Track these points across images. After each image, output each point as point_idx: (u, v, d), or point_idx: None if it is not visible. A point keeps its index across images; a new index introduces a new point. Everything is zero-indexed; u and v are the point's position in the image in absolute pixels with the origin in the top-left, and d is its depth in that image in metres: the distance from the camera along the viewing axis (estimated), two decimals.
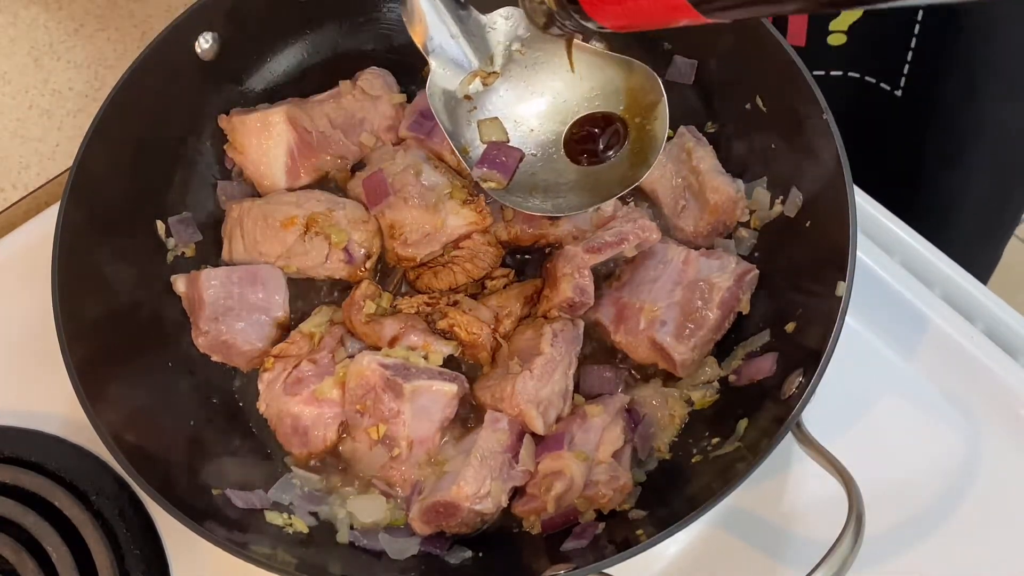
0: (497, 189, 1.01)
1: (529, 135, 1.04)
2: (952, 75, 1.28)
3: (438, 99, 1.01)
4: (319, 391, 1.03)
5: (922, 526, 1.02)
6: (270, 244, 1.11)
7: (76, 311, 0.99)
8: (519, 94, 1.02)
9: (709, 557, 1.02)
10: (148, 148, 1.12)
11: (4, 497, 1.04)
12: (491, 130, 1.01)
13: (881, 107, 1.38)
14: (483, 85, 1.02)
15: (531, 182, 1.02)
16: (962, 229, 1.46)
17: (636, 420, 1.02)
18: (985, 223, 1.50)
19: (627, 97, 1.03)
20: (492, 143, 1.02)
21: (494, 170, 1.00)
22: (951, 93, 1.30)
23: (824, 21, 1.28)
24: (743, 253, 1.09)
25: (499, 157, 1.01)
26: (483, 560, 0.97)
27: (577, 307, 1.05)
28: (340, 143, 1.17)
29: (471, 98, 1.02)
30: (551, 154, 1.04)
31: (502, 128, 1.02)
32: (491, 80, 1.02)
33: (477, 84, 1.02)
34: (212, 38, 1.14)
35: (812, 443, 0.91)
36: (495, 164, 1.00)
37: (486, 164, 1.01)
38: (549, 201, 1.02)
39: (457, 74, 1.01)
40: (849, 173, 0.97)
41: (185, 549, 1.06)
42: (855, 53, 1.33)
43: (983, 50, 1.25)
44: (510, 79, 1.02)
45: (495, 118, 1.02)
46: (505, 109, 1.03)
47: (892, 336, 1.11)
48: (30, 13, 1.27)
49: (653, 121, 1.00)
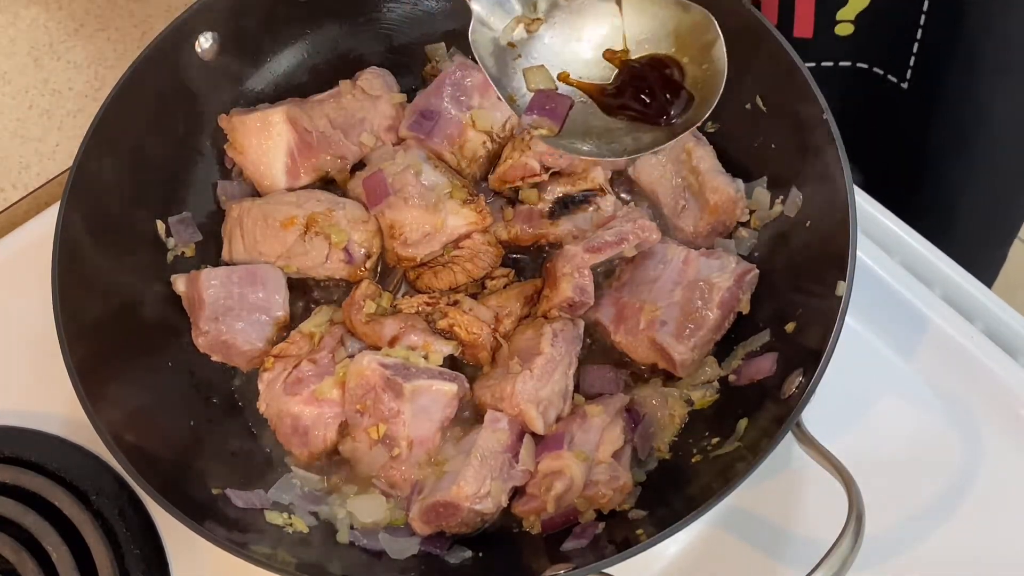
0: (548, 136, 0.98)
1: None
2: (958, 67, 1.28)
3: (482, 46, 0.98)
4: (319, 391, 1.03)
5: (922, 526, 1.02)
6: (270, 244, 1.11)
7: (76, 311, 0.99)
8: (564, 40, 0.99)
9: (709, 557, 1.02)
10: (148, 148, 1.12)
11: (4, 497, 1.04)
12: (538, 77, 0.98)
13: (888, 99, 1.37)
14: (527, 32, 0.99)
15: (584, 127, 0.99)
16: (968, 222, 1.46)
17: (636, 420, 1.02)
18: (991, 217, 1.50)
19: (678, 40, 0.99)
20: (540, 91, 0.98)
21: (544, 117, 0.97)
22: (956, 85, 1.30)
23: (831, 11, 1.28)
24: (743, 253, 1.09)
25: (548, 104, 0.97)
26: (483, 560, 0.97)
27: (577, 307, 1.05)
28: (340, 143, 1.17)
29: (515, 45, 0.99)
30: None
31: (549, 76, 0.98)
32: (535, 27, 0.98)
33: (521, 31, 0.99)
34: (212, 38, 1.14)
35: (812, 443, 0.91)
36: (544, 111, 0.97)
37: (536, 111, 0.97)
38: (605, 146, 0.99)
39: (501, 20, 0.99)
40: (849, 173, 0.96)
41: (185, 549, 1.06)
42: (863, 43, 1.32)
43: (989, 41, 1.25)
44: (554, 25, 0.99)
45: (541, 66, 0.99)
46: (551, 56, 0.99)
47: (892, 336, 1.11)
48: (30, 13, 1.27)
49: (712, 62, 0.97)
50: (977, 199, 1.44)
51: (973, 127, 1.34)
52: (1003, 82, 1.29)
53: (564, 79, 0.98)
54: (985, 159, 1.38)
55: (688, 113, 0.98)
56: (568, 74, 0.98)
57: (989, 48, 1.25)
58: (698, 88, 0.98)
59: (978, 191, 1.43)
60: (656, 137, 0.98)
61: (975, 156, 1.38)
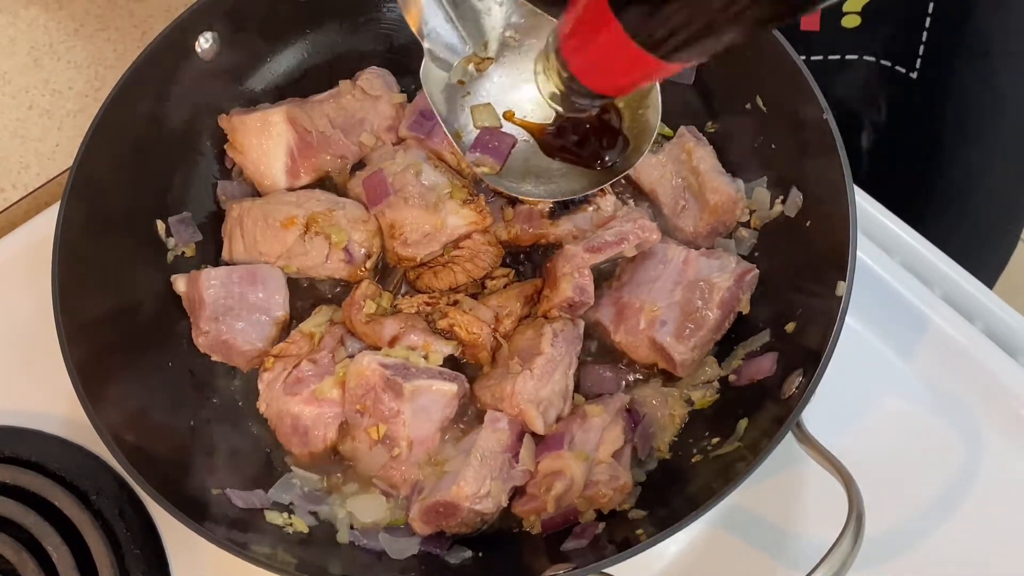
0: (490, 174, 1.01)
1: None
2: (968, 52, 1.28)
3: (432, 83, 1.01)
4: (319, 391, 1.03)
5: (922, 526, 1.02)
6: (270, 244, 1.11)
7: (76, 311, 0.99)
8: (512, 80, 1.02)
9: (709, 557, 1.02)
10: (148, 148, 1.12)
11: (4, 497, 1.04)
12: (484, 115, 1.01)
13: (898, 90, 1.37)
14: (477, 71, 1.01)
15: (524, 168, 1.01)
16: (984, 209, 1.45)
17: (636, 420, 1.02)
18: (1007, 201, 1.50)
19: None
20: (485, 128, 1.01)
21: (487, 155, 1.00)
22: (968, 71, 1.30)
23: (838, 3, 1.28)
24: (743, 253, 1.09)
25: (492, 142, 1.00)
26: (483, 560, 0.97)
27: (577, 307, 1.05)
28: (340, 143, 1.17)
29: (464, 83, 1.02)
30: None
31: (495, 114, 1.01)
32: (485, 66, 1.01)
33: (471, 70, 1.01)
34: (212, 38, 1.14)
35: (812, 443, 0.91)
36: (488, 149, 1.00)
37: (479, 149, 1.00)
38: (542, 187, 1.01)
39: (451, 58, 1.01)
40: (849, 173, 0.97)
41: (185, 549, 1.06)
42: (870, 35, 1.32)
43: (997, 28, 1.25)
44: (504, 65, 1.01)
45: (488, 104, 1.02)
46: (499, 95, 1.02)
47: (892, 336, 1.11)
48: (30, 13, 1.27)
49: (646, 109, 1.00)
50: (991, 184, 1.43)
51: (987, 112, 1.34)
52: (1014, 64, 1.28)
53: (509, 118, 1.01)
54: (1000, 143, 1.38)
55: (620, 160, 1.00)
56: (513, 113, 1.01)
57: (998, 30, 1.25)
58: (633, 134, 1.00)
59: (993, 176, 1.42)
60: (589, 181, 1.01)
61: (990, 141, 1.37)
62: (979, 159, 1.40)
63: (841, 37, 1.32)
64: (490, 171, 1.01)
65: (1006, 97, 1.32)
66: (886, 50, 1.35)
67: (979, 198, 1.45)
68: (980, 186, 1.44)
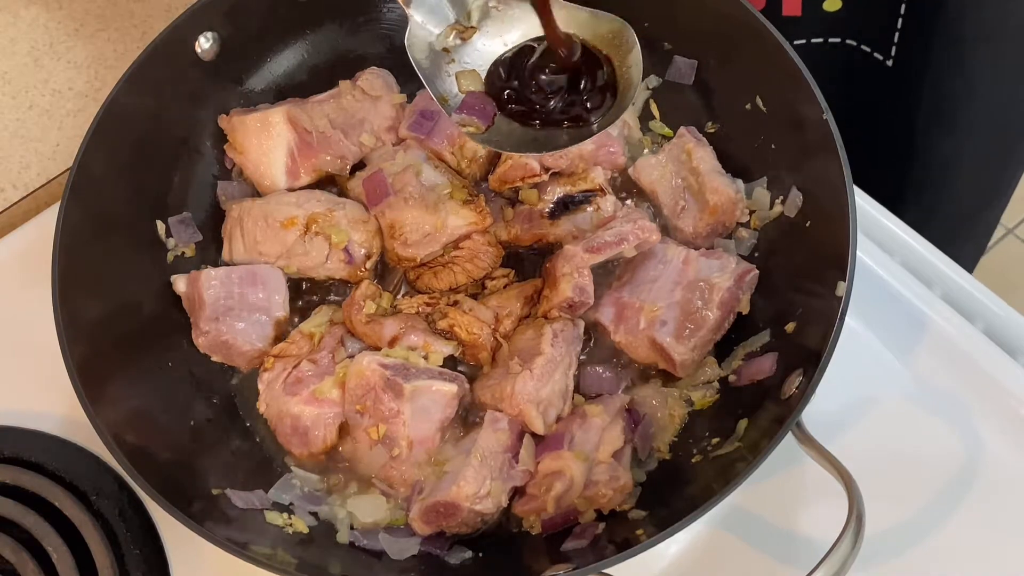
0: (476, 134, 1.01)
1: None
2: (940, 39, 1.28)
3: (418, 50, 1.01)
4: (319, 391, 1.03)
5: (922, 526, 1.02)
6: (270, 244, 1.11)
7: (76, 311, 0.99)
8: (496, 49, 1.03)
9: (709, 557, 1.02)
10: (148, 148, 1.12)
11: (4, 497, 1.04)
12: (469, 81, 1.02)
13: (874, 77, 1.38)
14: (460, 40, 1.02)
15: (508, 128, 1.02)
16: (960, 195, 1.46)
17: (636, 420, 1.02)
18: (980, 191, 1.50)
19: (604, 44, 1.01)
20: (471, 92, 1.02)
21: (472, 116, 1.01)
22: (941, 57, 1.30)
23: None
24: (743, 253, 1.09)
25: (479, 104, 1.01)
26: (483, 560, 0.97)
27: (577, 307, 1.05)
28: (340, 143, 1.17)
29: (449, 51, 1.02)
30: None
31: (480, 79, 1.02)
32: (468, 35, 1.02)
33: (455, 38, 1.02)
34: (212, 38, 1.14)
35: (812, 443, 0.91)
36: (475, 111, 1.01)
37: (465, 110, 1.01)
38: (529, 141, 1.01)
39: (436, 26, 1.02)
40: (849, 173, 0.96)
41: (185, 549, 1.06)
42: (850, 19, 1.33)
43: (971, 16, 1.25)
44: (487, 34, 1.02)
45: (473, 70, 1.02)
46: (483, 62, 1.03)
47: (892, 336, 1.11)
48: (30, 13, 1.27)
49: (628, 68, 1.00)
50: (966, 171, 1.44)
51: (961, 98, 1.34)
52: (987, 50, 1.29)
53: None
54: (974, 129, 1.38)
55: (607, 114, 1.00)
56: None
57: (972, 16, 1.25)
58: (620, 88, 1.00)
59: (968, 162, 1.43)
60: (572, 137, 1.01)
61: (964, 127, 1.38)
62: (954, 145, 1.40)
63: (822, 21, 1.33)
64: (476, 131, 1.01)
65: (979, 83, 1.32)
66: (865, 36, 1.35)
67: (955, 184, 1.45)
68: (956, 172, 1.44)
